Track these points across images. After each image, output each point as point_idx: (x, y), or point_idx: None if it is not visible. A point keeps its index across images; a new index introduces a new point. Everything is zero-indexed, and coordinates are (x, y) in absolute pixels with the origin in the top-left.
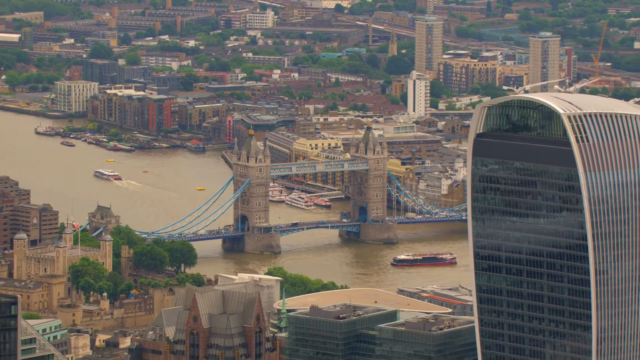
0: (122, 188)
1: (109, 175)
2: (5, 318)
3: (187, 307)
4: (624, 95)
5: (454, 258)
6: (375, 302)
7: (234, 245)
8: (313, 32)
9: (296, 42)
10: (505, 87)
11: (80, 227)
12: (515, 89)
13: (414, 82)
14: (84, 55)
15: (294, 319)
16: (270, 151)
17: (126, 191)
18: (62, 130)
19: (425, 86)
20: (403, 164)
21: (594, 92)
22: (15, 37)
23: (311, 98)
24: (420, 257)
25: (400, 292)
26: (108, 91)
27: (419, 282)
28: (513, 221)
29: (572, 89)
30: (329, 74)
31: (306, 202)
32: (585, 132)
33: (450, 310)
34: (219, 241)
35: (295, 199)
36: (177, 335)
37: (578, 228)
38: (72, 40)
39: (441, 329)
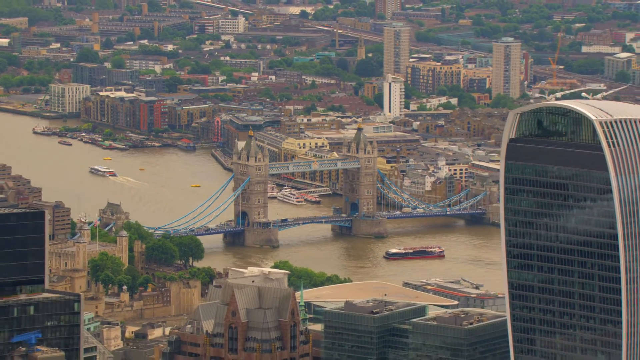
0: (126, 186)
1: (104, 172)
2: (70, 315)
3: (225, 302)
4: (579, 96)
5: (442, 251)
6: (385, 294)
7: (235, 239)
8: (283, 37)
9: (268, 47)
10: (538, 95)
11: (90, 223)
12: (546, 97)
13: (390, 84)
14: (72, 59)
15: (330, 314)
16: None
17: (127, 189)
18: (58, 130)
19: (400, 88)
20: (388, 162)
21: (552, 94)
22: (4, 41)
23: (290, 99)
24: (411, 251)
25: (406, 284)
26: (100, 93)
27: (412, 275)
28: (545, 222)
29: (599, 96)
30: (303, 77)
31: (297, 198)
32: (615, 137)
33: (456, 302)
34: (220, 235)
35: (287, 195)
36: (216, 328)
37: (609, 228)
38: (58, 45)
39: (471, 323)
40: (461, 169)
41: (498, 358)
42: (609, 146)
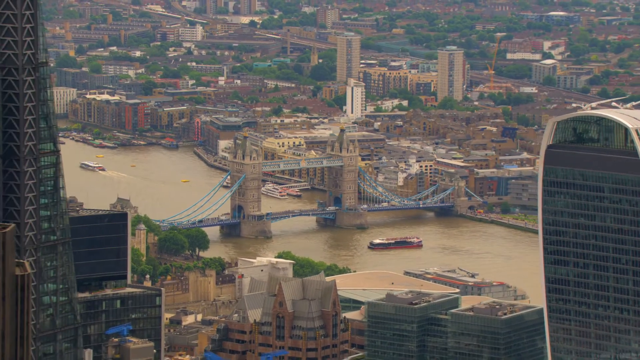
0: (120, 181)
1: (94, 167)
2: (152, 308)
3: (272, 294)
4: (516, 99)
5: (420, 241)
6: (392, 283)
7: (231, 230)
8: (239, 44)
9: (226, 53)
10: (574, 105)
11: None
12: (583, 107)
13: (352, 88)
14: (52, 65)
15: (373, 305)
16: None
17: (124, 184)
18: None
19: (362, 92)
20: (363, 159)
21: (491, 97)
22: None
23: (258, 102)
24: (392, 241)
25: (407, 273)
26: (87, 96)
27: (395, 263)
28: (581, 221)
29: (629, 105)
30: (265, 81)
31: (280, 192)
32: None
33: (457, 290)
34: (217, 228)
35: (271, 190)
36: (264, 317)
37: None
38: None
39: (505, 314)
40: (427, 166)
41: (530, 346)
42: None
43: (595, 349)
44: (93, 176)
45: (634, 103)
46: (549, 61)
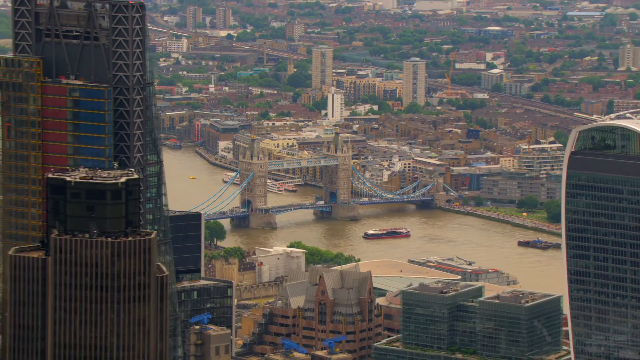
0: None
1: None
2: (224, 298)
3: (314, 283)
4: (471, 104)
5: (409, 231)
6: (401, 270)
7: (240, 222)
8: (220, 55)
9: (210, 63)
10: (595, 116)
11: None
12: (602, 117)
13: (332, 95)
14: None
15: (408, 293)
16: (240, 150)
17: None
18: None
19: (341, 98)
20: (352, 158)
21: (450, 102)
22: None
23: (247, 107)
24: (384, 232)
25: (411, 262)
26: None
27: (390, 251)
28: (601, 219)
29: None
30: (250, 88)
31: (278, 187)
32: None
33: (459, 277)
34: (227, 220)
35: (269, 186)
36: (306, 304)
37: None
38: None
39: (527, 302)
40: (406, 164)
41: (549, 331)
42: None
43: (613, 333)
44: None
45: None
46: (495, 70)
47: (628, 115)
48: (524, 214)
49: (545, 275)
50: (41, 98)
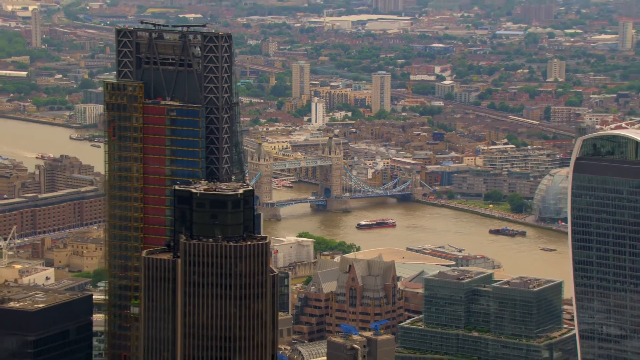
0: None
1: None
2: (282, 287)
3: (344, 271)
4: (430, 110)
5: (395, 222)
6: (403, 257)
7: None
8: None
9: None
10: (598, 127)
11: None
12: (604, 127)
13: (316, 104)
14: (74, 86)
15: (430, 280)
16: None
17: None
18: (88, 136)
19: (323, 106)
20: None
21: (412, 109)
22: (23, 73)
23: (240, 113)
24: (374, 222)
25: (409, 249)
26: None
27: (382, 239)
28: (602, 216)
29: (636, 126)
30: (239, 97)
31: (277, 184)
32: None
33: (453, 262)
34: None
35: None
36: (338, 289)
37: None
38: (60, 76)
39: (534, 287)
40: (386, 163)
41: (553, 313)
42: None
43: (614, 314)
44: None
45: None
46: (446, 82)
47: (624, 125)
48: (491, 205)
49: (520, 259)
50: (142, 117)
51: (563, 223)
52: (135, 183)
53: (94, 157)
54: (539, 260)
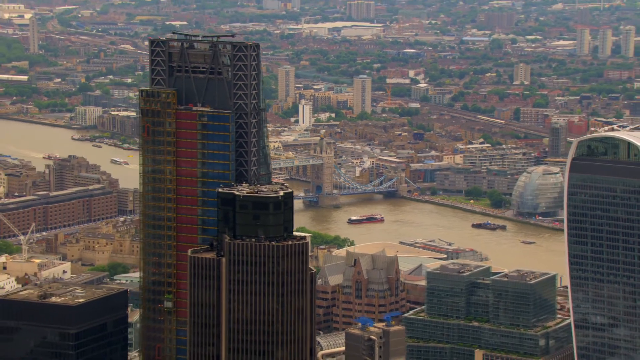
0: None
1: (120, 162)
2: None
3: (350, 265)
4: (408, 112)
5: (383, 217)
6: (397, 251)
7: None
8: None
9: None
10: (593, 129)
11: None
12: (599, 129)
13: (303, 106)
14: (73, 89)
15: (432, 273)
16: None
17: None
18: (89, 137)
19: (310, 108)
20: None
21: (391, 110)
22: (24, 77)
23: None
24: (364, 217)
25: (402, 243)
26: (112, 112)
27: (372, 234)
28: (597, 212)
29: (627, 128)
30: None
31: None
32: None
33: (444, 255)
34: None
35: None
36: (345, 282)
37: None
38: (59, 80)
39: (531, 280)
40: (372, 162)
41: (548, 303)
42: None
43: (608, 305)
44: (121, 168)
45: (631, 126)
46: (422, 85)
47: (616, 127)
48: (471, 201)
49: (503, 251)
50: (175, 122)
51: (540, 217)
52: (168, 184)
53: (97, 156)
54: (521, 253)
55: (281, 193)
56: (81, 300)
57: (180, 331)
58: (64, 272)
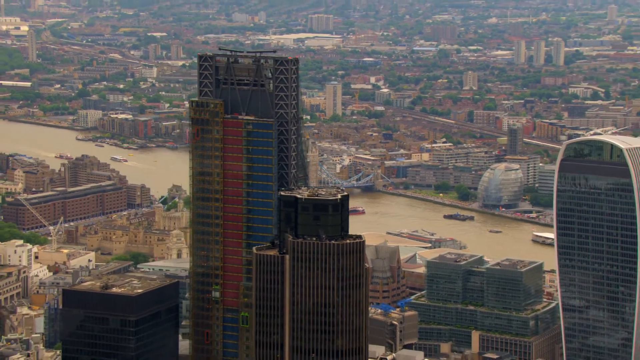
0: (144, 170)
1: (120, 160)
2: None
3: None
4: (375, 114)
5: (364, 209)
6: (386, 241)
7: None
8: (183, 79)
9: (177, 85)
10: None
11: (162, 197)
12: (585, 134)
13: None
14: (72, 94)
15: (431, 262)
16: None
17: (155, 175)
18: (91, 137)
19: None
20: None
21: (360, 113)
22: (27, 84)
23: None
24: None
25: (389, 233)
26: (111, 115)
27: (358, 225)
28: (584, 208)
29: (609, 132)
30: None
31: None
32: (637, 158)
33: (429, 245)
34: None
35: None
36: None
37: (629, 212)
38: (58, 86)
39: (520, 268)
40: (350, 159)
41: (536, 289)
42: (633, 163)
43: (593, 290)
44: (122, 166)
45: (615, 129)
46: (384, 90)
47: (598, 131)
48: (441, 194)
49: (475, 239)
50: (223, 130)
51: (503, 209)
52: (216, 185)
53: (99, 155)
54: (491, 241)
55: (339, 196)
56: (139, 290)
57: (226, 318)
58: (89, 261)
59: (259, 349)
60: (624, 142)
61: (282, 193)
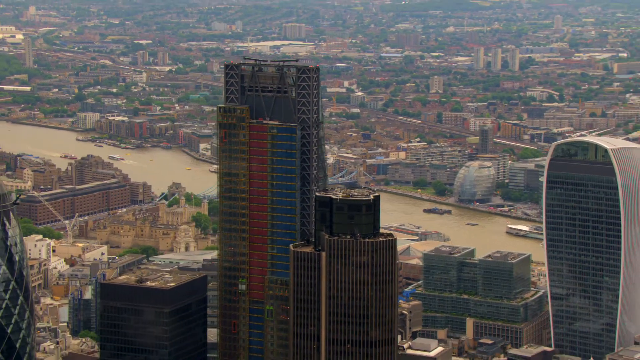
0: (141, 168)
1: (117, 158)
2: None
3: None
4: (352, 116)
5: None
6: None
7: None
8: (171, 84)
9: (165, 89)
10: (569, 134)
11: (163, 193)
12: (572, 135)
13: None
14: (70, 98)
15: (428, 255)
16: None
17: (151, 172)
18: (91, 138)
19: None
20: None
21: (338, 114)
22: (27, 88)
23: (205, 119)
24: None
25: None
26: (108, 117)
27: None
28: (571, 204)
29: (594, 134)
30: (202, 106)
31: None
32: (622, 157)
33: (417, 237)
34: None
35: None
36: None
37: (614, 207)
38: (56, 90)
39: (511, 260)
40: (334, 157)
41: (525, 279)
42: (617, 162)
43: (579, 280)
44: (120, 164)
45: (597, 132)
46: (358, 93)
47: (583, 134)
48: (419, 190)
49: (455, 232)
50: (248, 134)
51: (477, 203)
52: (242, 186)
53: (98, 154)
54: (469, 233)
55: (371, 197)
56: (172, 284)
57: (252, 309)
58: (102, 254)
59: (297, 340)
60: (608, 143)
61: (318, 194)
